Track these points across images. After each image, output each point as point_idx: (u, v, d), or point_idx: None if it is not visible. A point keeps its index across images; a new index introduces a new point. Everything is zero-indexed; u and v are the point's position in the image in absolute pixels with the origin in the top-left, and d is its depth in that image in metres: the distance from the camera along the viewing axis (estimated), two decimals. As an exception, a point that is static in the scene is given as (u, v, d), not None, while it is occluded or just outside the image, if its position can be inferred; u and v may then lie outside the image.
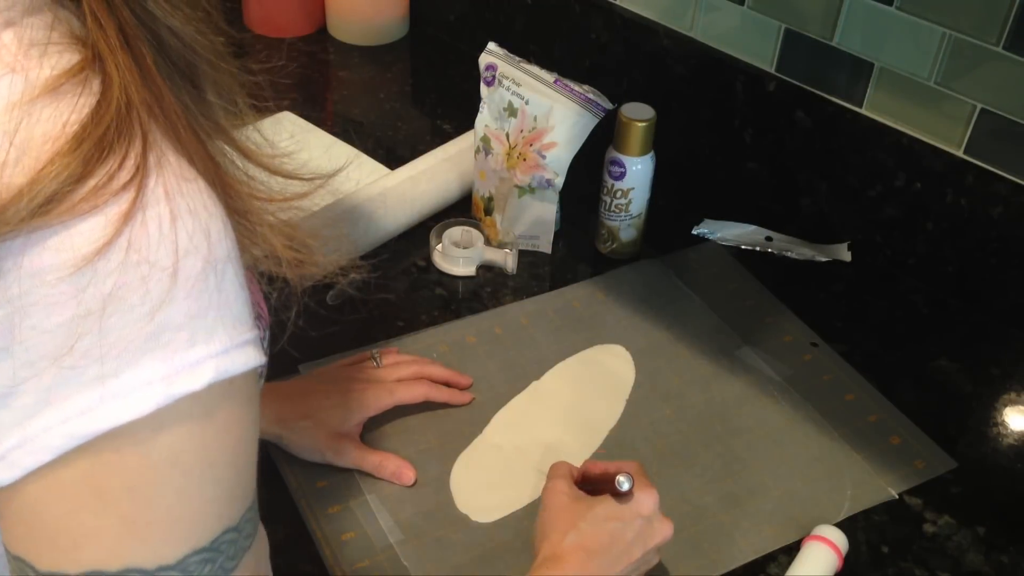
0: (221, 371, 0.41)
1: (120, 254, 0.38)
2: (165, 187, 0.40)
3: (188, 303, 0.40)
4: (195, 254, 0.40)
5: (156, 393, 0.39)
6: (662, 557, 0.73)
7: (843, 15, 0.96)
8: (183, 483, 0.42)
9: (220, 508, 0.44)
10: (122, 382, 0.39)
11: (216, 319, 0.41)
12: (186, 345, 0.40)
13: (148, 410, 0.39)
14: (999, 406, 0.89)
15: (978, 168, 0.92)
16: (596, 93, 0.98)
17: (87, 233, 0.38)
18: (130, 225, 0.39)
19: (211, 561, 0.43)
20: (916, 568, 0.75)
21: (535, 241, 1.03)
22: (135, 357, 0.39)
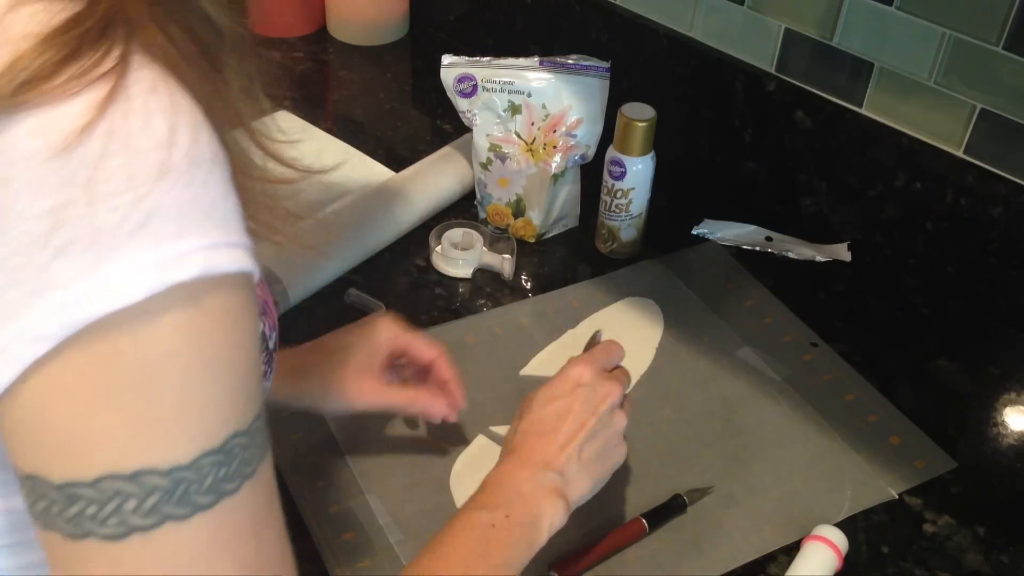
0: (210, 264, 0.41)
1: (101, 140, 0.39)
2: (148, 82, 0.40)
3: (173, 194, 0.40)
4: (178, 147, 0.40)
5: (146, 280, 0.39)
6: (660, 555, 0.73)
7: (843, 15, 0.96)
8: (183, 378, 0.42)
9: (226, 409, 0.44)
10: (111, 269, 0.39)
11: (203, 215, 0.41)
12: (173, 236, 0.40)
13: (139, 297, 0.39)
14: (999, 406, 0.89)
15: (978, 168, 0.92)
16: (585, 58, 0.99)
17: (68, 116, 0.39)
18: (110, 112, 0.39)
19: (224, 464, 0.43)
20: (916, 568, 0.75)
21: (565, 222, 1.05)
22: (123, 244, 0.39)
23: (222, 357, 0.43)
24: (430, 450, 0.81)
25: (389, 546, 0.74)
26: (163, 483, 0.41)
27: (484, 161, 1.01)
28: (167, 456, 0.42)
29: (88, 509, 0.41)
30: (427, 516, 0.76)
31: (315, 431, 0.82)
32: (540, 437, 0.68)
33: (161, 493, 0.41)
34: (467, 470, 0.80)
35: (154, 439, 0.41)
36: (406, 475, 0.79)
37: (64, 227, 0.38)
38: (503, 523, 0.64)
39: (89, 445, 0.41)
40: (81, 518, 0.41)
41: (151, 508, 0.41)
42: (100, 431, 0.41)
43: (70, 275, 0.39)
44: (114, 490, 0.41)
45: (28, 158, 0.38)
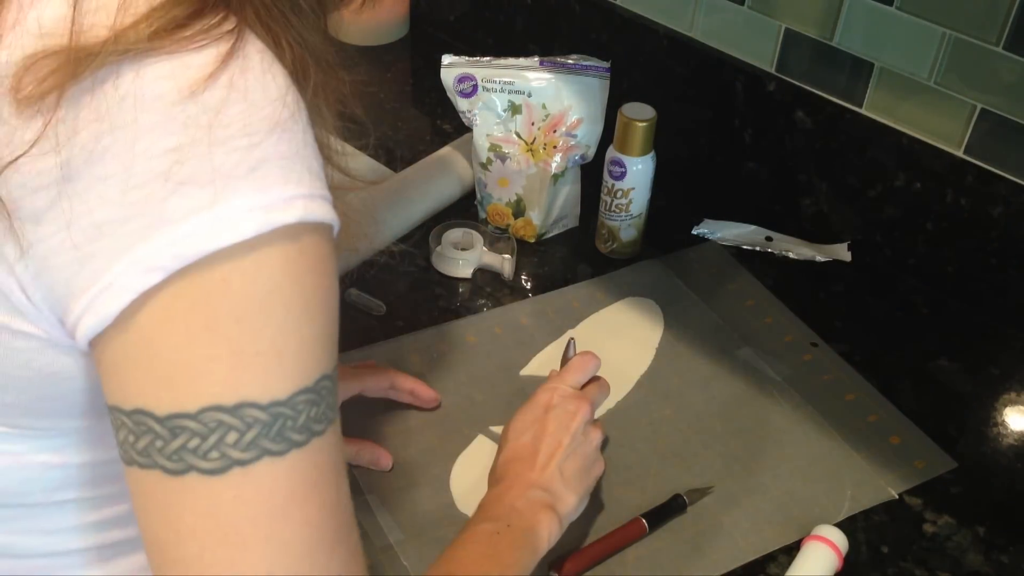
0: (309, 211, 0.44)
1: (223, 89, 0.42)
2: (258, 44, 0.44)
3: (282, 145, 0.43)
4: (286, 105, 0.44)
5: (256, 219, 0.42)
6: (660, 555, 0.73)
7: (843, 15, 0.96)
8: (284, 315, 0.44)
9: (318, 350, 0.45)
10: (225, 208, 0.41)
11: (304, 167, 0.44)
12: (281, 182, 0.43)
13: (249, 234, 0.42)
14: (999, 406, 0.89)
15: (978, 168, 0.92)
16: (585, 58, 0.99)
17: (196, 65, 0.42)
18: (231, 64, 0.43)
19: (316, 404, 0.45)
20: (916, 568, 0.75)
21: (565, 222, 1.05)
22: (237, 185, 0.42)
23: (318, 299, 0.45)
24: (430, 450, 0.81)
25: (389, 546, 0.74)
26: (263, 416, 0.43)
27: (484, 161, 1.01)
28: (267, 390, 0.43)
29: (191, 442, 0.42)
30: (427, 516, 0.76)
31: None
32: (521, 462, 0.70)
33: (260, 427, 0.43)
34: (467, 470, 0.80)
35: (256, 372, 0.43)
36: (406, 475, 0.79)
37: (184, 165, 0.41)
38: (506, 531, 0.66)
39: (195, 376, 0.42)
40: (183, 451, 0.42)
41: (251, 442, 0.43)
42: (206, 362, 0.42)
43: (187, 210, 0.41)
44: (217, 422, 0.42)
45: (157, 98, 0.41)
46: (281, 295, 0.43)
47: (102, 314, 0.42)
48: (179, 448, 0.42)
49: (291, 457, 0.44)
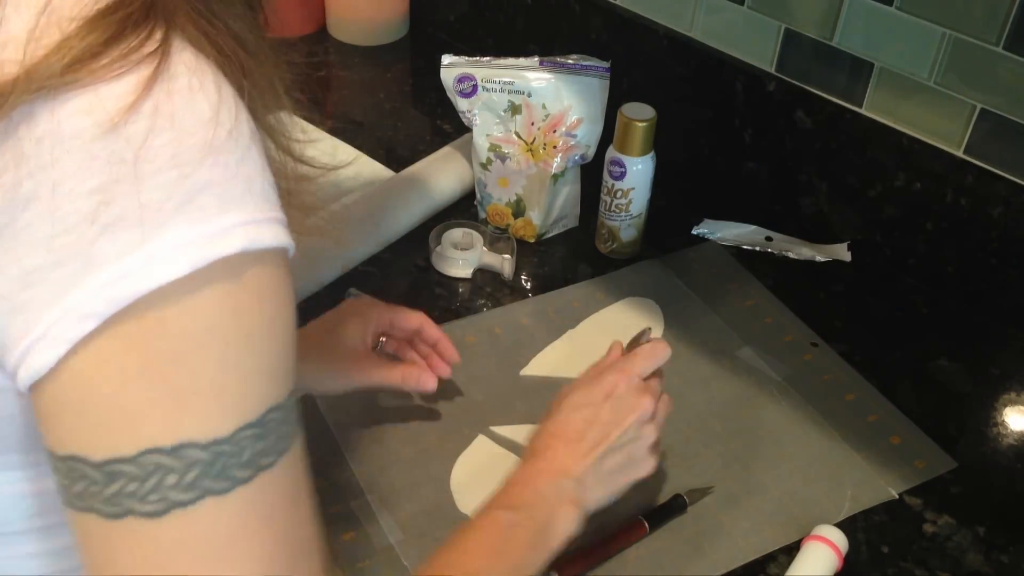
0: (251, 239, 0.42)
1: (147, 118, 0.40)
2: (190, 63, 0.42)
3: (216, 171, 0.41)
4: (219, 125, 0.41)
5: (190, 255, 0.40)
6: (661, 555, 0.73)
7: (843, 15, 0.96)
8: (224, 352, 0.42)
9: (263, 383, 0.44)
10: (157, 245, 0.40)
11: (244, 190, 0.42)
12: (217, 211, 0.41)
13: (184, 272, 0.40)
14: (999, 406, 0.89)
15: (978, 168, 0.92)
16: (585, 58, 0.99)
17: (114, 96, 0.40)
18: (155, 90, 0.40)
19: (263, 438, 0.44)
20: (916, 568, 0.75)
21: (565, 222, 1.05)
22: (168, 221, 0.40)
23: (261, 331, 0.44)
24: (430, 450, 0.81)
25: (389, 546, 0.74)
26: (203, 456, 0.42)
27: (484, 161, 1.01)
28: (207, 429, 0.42)
29: (129, 486, 0.41)
30: (427, 516, 0.76)
31: (315, 431, 0.82)
32: (564, 443, 0.69)
33: (201, 467, 0.42)
34: (467, 470, 0.80)
35: (195, 412, 0.42)
36: (406, 475, 0.79)
37: (111, 205, 0.39)
38: (524, 523, 0.65)
39: (131, 419, 0.41)
40: (121, 496, 0.41)
41: (191, 483, 0.42)
42: (143, 405, 0.41)
43: (116, 252, 0.39)
44: (155, 464, 0.41)
45: (76, 137, 0.39)
46: (220, 331, 0.42)
47: (36, 365, 0.40)
48: (116, 492, 0.41)
49: (235, 495, 0.43)
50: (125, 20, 0.41)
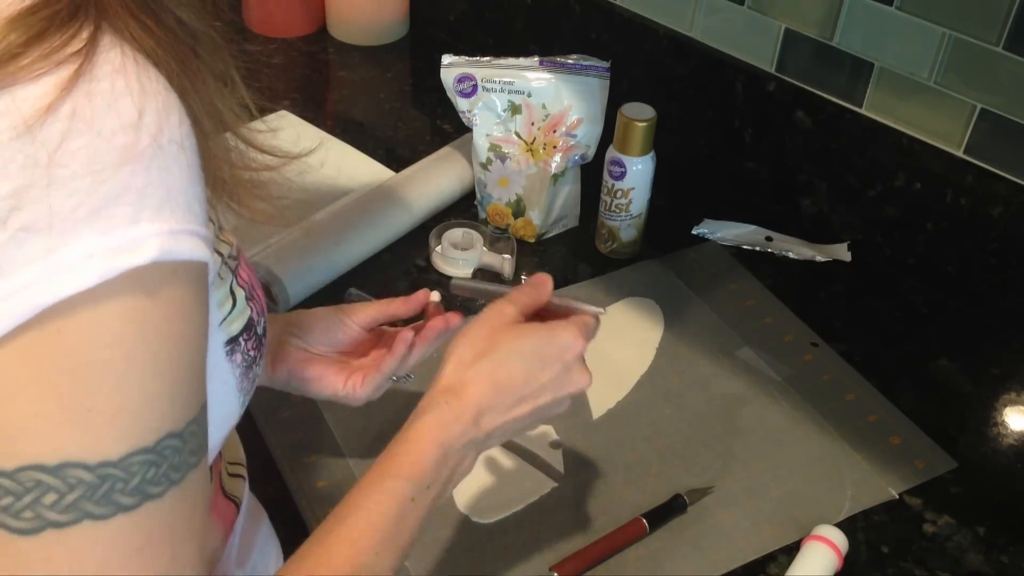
0: (165, 250, 0.40)
1: (64, 121, 0.38)
2: (116, 63, 0.40)
3: (134, 179, 0.39)
4: (142, 130, 0.39)
5: (98, 266, 0.38)
6: (661, 555, 0.73)
7: (843, 15, 0.96)
8: (124, 369, 0.40)
9: (163, 407, 0.42)
10: (64, 255, 0.38)
11: (163, 199, 0.40)
12: (129, 220, 0.39)
13: (90, 283, 0.38)
14: (999, 406, 0.89)
15: (978, 168, 0.92)
16: (585, 57, 0.99)
17: (31, 97, 0.38)
18: (75, 92, 0.38)
19: (155, 465, 0.42)
20: (916, 568, 0.75)
21: (565, 222, 1.05)
22: (77, 229, 0.38)
23: (167, 351, 0.42)
24: (430, 450, 0.81)
25: (389, 546, 0.74)
26: (88, 478, 0.40)
27: (484, 161, 1.01)
28: (96, 450, 0.40)
29: (3, 500, 0.39)
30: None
31: (315, 431, 0.82)
32: (493, 387, 0.61)
33: (84, 488, 0.40)
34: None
35: (85, 431, 0.40)
36: (406, 475, 0.79)
37: (22, 210, 0.38)
38: (423, 497, 0.58)
39: (17, 432, 0.39)
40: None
41: (71, 504, 0.40)
42: (31, 418, 0.39)
43: (22, 260, 0.38)
44: (35, 481, 0.39)
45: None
46: (123, 347, 0.40)
47: None
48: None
49: (116, 521, 0.41)
50: (51, 19, 0.39)
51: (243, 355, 0.53)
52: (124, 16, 0.41)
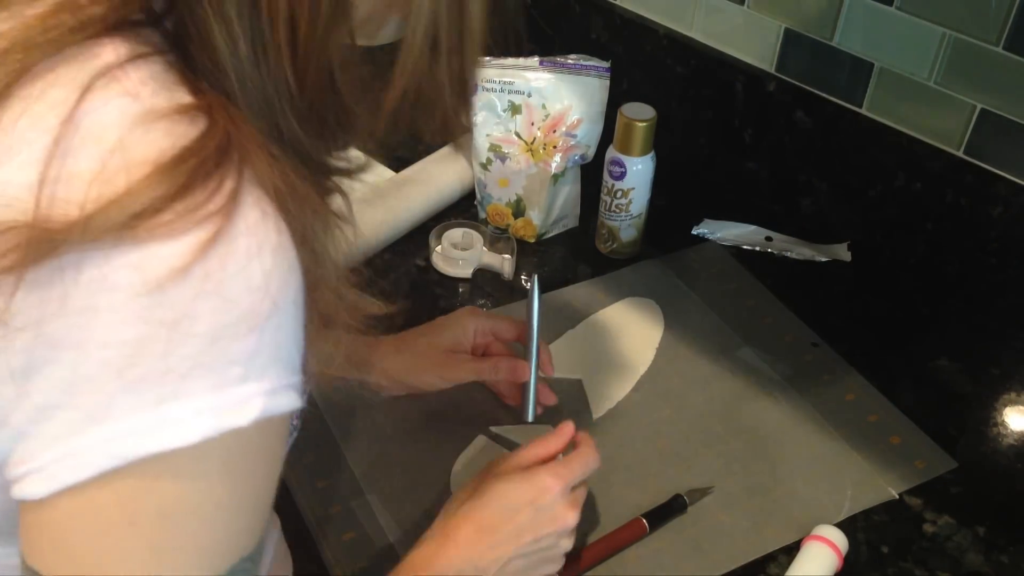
0: (267, 410, 0.41)
1: (196, 283, 0.39)
2: (253, 220, 0.40)
3: (249, 340, 0.40)
4: (265, 294, 0.40)
5: (204, 424, 0.40)
6: (661, 555, 0.73)
7: (843, 15, 0.96)
8: (213, 514, 0.42)
9: (241, 539, 0.45)
10: (174, 409, 0.39)
11: (271, 359, 0.42)
12: (239, 380, 0.40)
13: (195, 440, 0.40)
14: (999, 406, 0.89)
15: (978, 168, 0.92)
16: (585, 57, 0.99)
17: (168, 256, 0.38)
18: (210, 255, 0.39)
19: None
20: (916, 568, 0.75)
21: (565, 222, 1.05)
22: (190, 386, 0.39)
23: (253, 492, 0.44)
24: (430, 450, 0.81)
25: (389, 546, 0.74)
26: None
27: (484, 161, 1.01)
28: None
29: None
30: (427, 516, 0.76)
31: (315, 431, 0.82)
32: (478, 531, 0.65)
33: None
34: (467, 470, 0.80)
35: (168, 567, 0.42)
36: (406, 475, 0.79)
37: (140, 362, 0.39)
38: None
39: (103, 564, 0.41)
40: None
41: None
42: (118, 553, 0.41)
43: (131, 407, 0.39)
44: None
45: (120, 290, 0.38)
46: (214, 496, 0.42)
47: (28, 492, 0.40)
48: None
49: None
50: (196, 169, 0.39)
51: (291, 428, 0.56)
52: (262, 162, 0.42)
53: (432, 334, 0.82)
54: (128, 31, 0.42)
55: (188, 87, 0.42)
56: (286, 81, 0.44)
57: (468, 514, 0.66)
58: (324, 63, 0.45)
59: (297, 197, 0.43)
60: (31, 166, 0.39)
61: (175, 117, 0.40)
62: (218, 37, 0.42)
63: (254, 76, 0.43)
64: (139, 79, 0.41)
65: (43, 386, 0.39)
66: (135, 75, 0.41)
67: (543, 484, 0.67)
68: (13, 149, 0.39)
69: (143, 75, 0.41)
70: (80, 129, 0.39)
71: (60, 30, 0.41)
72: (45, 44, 0.41)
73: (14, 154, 0.39)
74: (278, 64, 0.43)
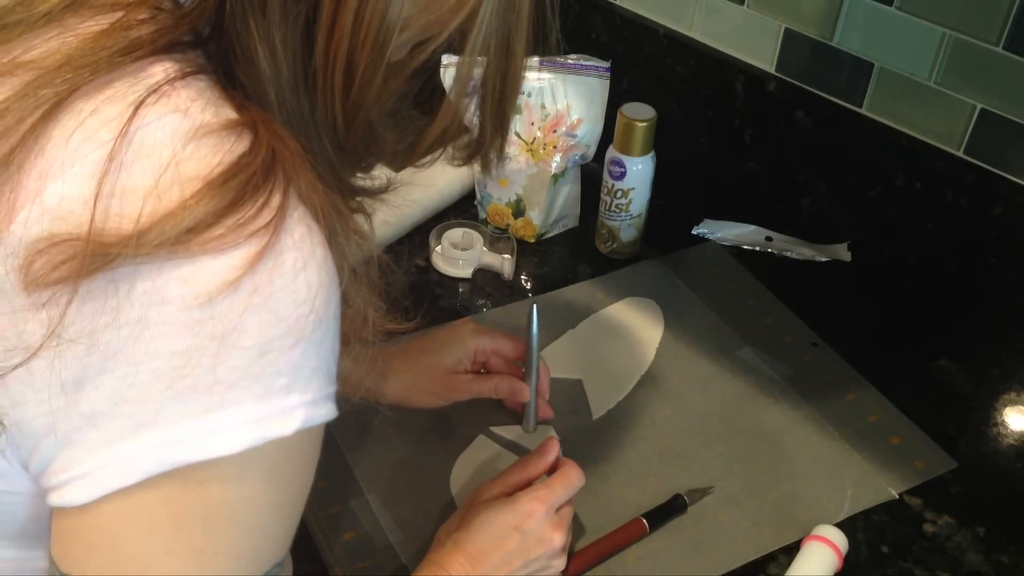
0: (308, 420, 0.43)
1: (245, 296, 0.40)
2: (296, 237, 0.41)
3: (294, 352, 0.41)
4: (310, 307, 0.42)
5: (249, 433, 0.41)
6: (661, 555, 0.73)
7: (843, 15, 0.96)
8: (255, 521, 0.44)
9: (276, 545, 0.46)
10: (220, 418, 0.40)
11: (313, 370, 0.43)
12: (284, 391, 0.41)
13: (240, 448, 0.41)
14: (999, 406, 0.89)
15: (978, 168, 0.92)
16: (586, 57, 0.99)
17: (218, 270, 0.40)
18: (259, 269, 0.40)
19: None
20: (916, 568, 0.75)
21: (565, 221, 1.05)
22: (237, 396, 0.40)
23: (292, 499, 0.46)
24: (430, 450, 0.81)
25: (389, 546, 0.74)
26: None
27: (484, 161, 1.01)
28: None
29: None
30: (427, 516, 0.76)
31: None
32: (467, 559, 0.66)
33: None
34: (467, 470, 0.80)
35: (208, 571, 0.43)
36: (406, 475, 0.79)
37: (189, 373, 0.40)
38: None
39: (146, 567, 0.42)
40: None
41: None
42: (161, 556, 0.42)
43: (178, 415, 0.40)
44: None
45: (170, 302, 0.39)
46: (256, 503, 0.43)
47: (69, 498, 0.41)
48: None
49: None
50: (245, 185, 0.40)
51: None
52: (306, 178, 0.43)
53: (433, 354, 0.81)
54: (176, 52, 0.44)
55: (232, 103, 0.43)
56: (333, 118, 0.45)
57: (458, 544, 0.67)
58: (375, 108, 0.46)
59: (338, 215, 0.44)
60: (85, 180, 0.40)
61: (223, 133, 0.41)
62: (263, 60, 0.43)
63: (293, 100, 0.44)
64: (188, 96, 0.42)
65: (92, 396, 0.40)
66: (184, 92, 0.42)
67: (527, 509, 0.68)
68: (66, 163, 0.40)
69: (191, 92, 0.42)
70: (133, 144, 0.40)
71: (111, 50, 0.42)
72: (96, 63, 0.42)
73: (67, 168, 0.40)
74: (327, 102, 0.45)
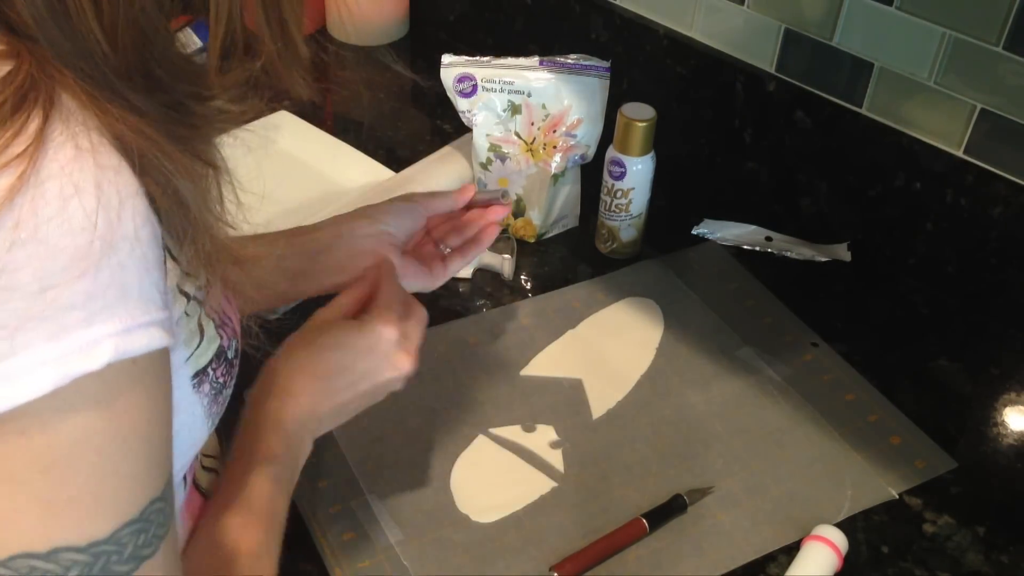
0: (121, 351, 0.40)
1: (7, 233, 0.37)
2: (66, 159, 0.39)
3: (84, 282, 0.39)
4: (91, 231, 0.39)
5: (50, 373, 0.38)
6: (661, 555, 0.73)
7: (843, 15, 0.96)
8: (97, 461, 0.41)
9: (141, 480, 0.44)
10: (13, 364, 0.38)
11: (116, 298, 0.40)
12: (82, 324, 0.39)
13: (43, 391, 0.38)
14: (999, 406, 0.89)
15: (978, 168, 0.92)
16: (586, 57, 0.99)
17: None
18: (19, 200, 0.37)
19: (143, 531, 0.44)
20: (916, 568, 0.75)
21: (565, 221, 1.05)
22: (25, 338, 0.38)
23: (136, 433, 0.43)
24: (430, 450, 0.81)
25: (389, 546, 0.74)
26: (82, 558, 0.41)
27: (484, 161, 1.01)
28: (83, 533, 0.41)
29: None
30: (427, 516, 0.76)
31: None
32: (312, 379, 0.65)
33: (80, 568, 0.41)
34: (467, 470, 0.80)
35: (69, 519, 0.41)
36: (406, 475, 0.79)
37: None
38: (284, 475, 0.63)
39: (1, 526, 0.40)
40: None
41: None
42: (11, 513, 0.40)
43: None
44: (29, 567, 0.40)
45: None
46: (92, 443, 0.41)
47: None
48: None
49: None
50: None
51: (211, 384, 0.54)
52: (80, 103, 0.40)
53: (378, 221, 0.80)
54: None
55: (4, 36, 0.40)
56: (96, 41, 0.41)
57: (303, 366, 0.65)
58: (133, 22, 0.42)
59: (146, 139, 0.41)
60: None
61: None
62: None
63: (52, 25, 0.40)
64: None
65: None
66: None
67: (380, 333, 0.67)
68: None
69: None
70: None
71: None
72: None
73: None
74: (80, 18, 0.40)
